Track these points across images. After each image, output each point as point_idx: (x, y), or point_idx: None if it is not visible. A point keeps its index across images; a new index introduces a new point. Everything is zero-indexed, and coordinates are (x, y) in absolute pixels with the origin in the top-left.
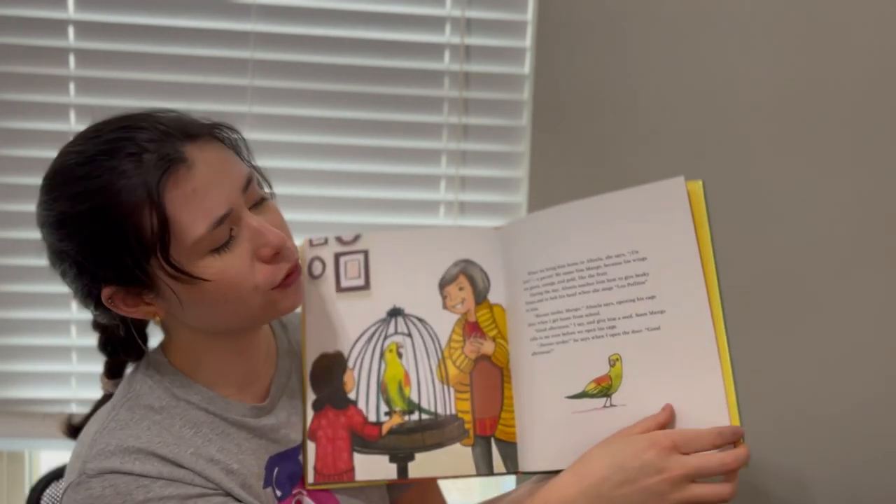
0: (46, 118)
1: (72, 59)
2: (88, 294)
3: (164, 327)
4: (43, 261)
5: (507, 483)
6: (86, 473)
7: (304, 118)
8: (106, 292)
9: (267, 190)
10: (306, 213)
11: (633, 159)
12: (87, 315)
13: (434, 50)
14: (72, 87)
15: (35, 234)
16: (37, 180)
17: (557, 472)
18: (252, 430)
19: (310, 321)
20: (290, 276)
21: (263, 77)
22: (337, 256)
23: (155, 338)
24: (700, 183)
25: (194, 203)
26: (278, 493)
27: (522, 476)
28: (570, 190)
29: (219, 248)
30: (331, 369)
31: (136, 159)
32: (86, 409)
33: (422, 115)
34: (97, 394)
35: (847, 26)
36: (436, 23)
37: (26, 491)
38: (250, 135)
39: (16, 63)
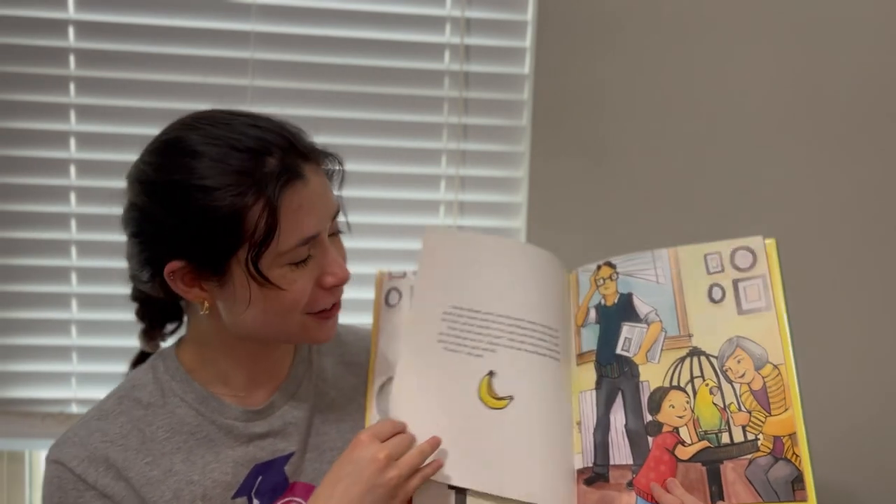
0: (46, 118)
1: (72, 59)
2: (153, 261)
3: (188, 323)
4: (43, 261)
5: None
6: (49, 454)
7: (304, 118)
8: (174, 265)
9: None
10: None
11: (632, 159)
12: (87, 315)
13: (434, 50)
14: (72, 87)
15: (34, 234)
16: (37, 180)
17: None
18: (238, 437)
19: (381, 344)
20: (332, 308)
21: (263, 77)
22: (413, 289)
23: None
24: (774, 241)
25: (295, 218)
26: (255, 502)
27: None
28: (570, 190)
29: (297, 264)
30: None
31: (261, 158)
32: (86, 409)
33: (422, 115)
34: (97, 393)
35: (848, 26)
36: (436, 23)
37: (26, 491)
38: None
39: (16, 63)
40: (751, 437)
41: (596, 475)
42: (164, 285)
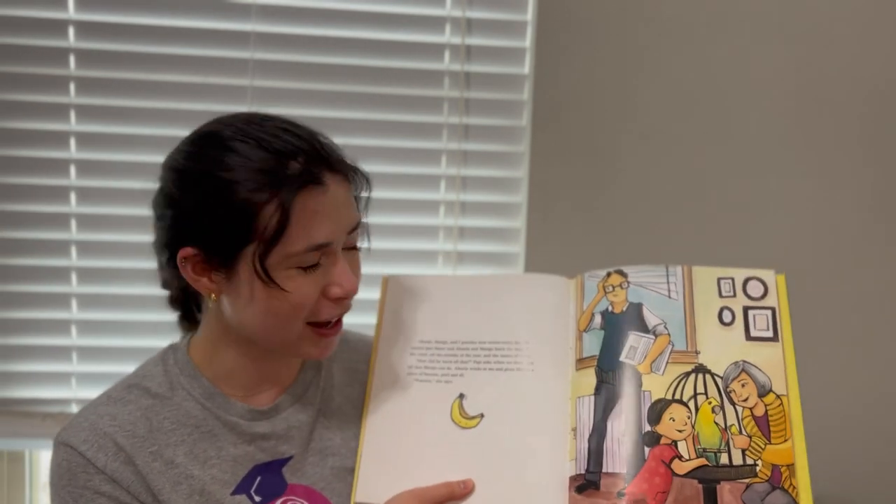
0: (46, 118)
1: (72, 59)
2: (170, 245)
3: (202, 318)
4: (43, 261)
5: None
6: (58, 437)
7: (304, 118)
8: (187, 251)
9: (364, 244)
10: None
11: (632, 159)
12: (87, 315)
13: (434, 50)
14: (72, 87)
15: (34, 234)
16: (36, 180)
17: None
18: (241, 435)
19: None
20: (334, 325)
21: (263, 77)
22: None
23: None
24: (783, 277)
25: (308, 222)
26: (257, 498)
27: None
28: (569, 190)
29: (305, 268)
30: None
31: (284, 161)
32: None
33: (422, 115)
34: (97, 394)
35: (849, 27)
36: (436, 23)
37: (27, 491)
38: None
39: (16, 63)
40: (750, 461)
41: (587, 482)
42: (176, 271)
